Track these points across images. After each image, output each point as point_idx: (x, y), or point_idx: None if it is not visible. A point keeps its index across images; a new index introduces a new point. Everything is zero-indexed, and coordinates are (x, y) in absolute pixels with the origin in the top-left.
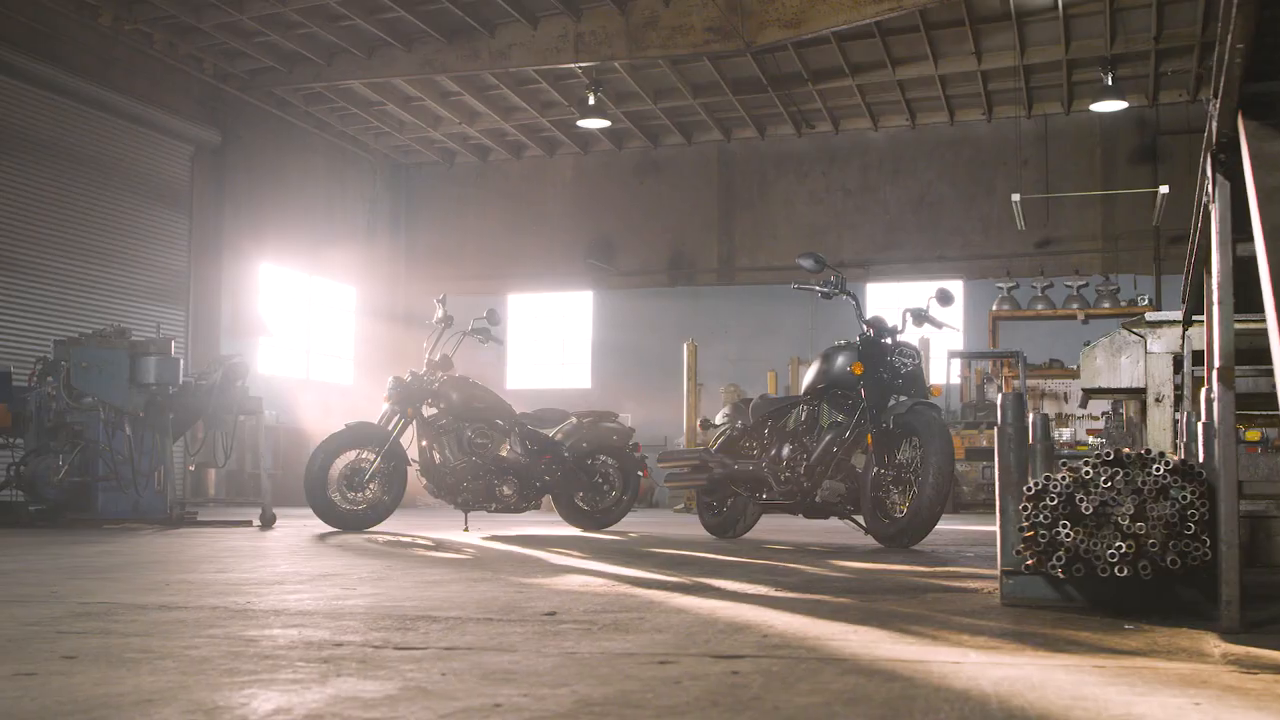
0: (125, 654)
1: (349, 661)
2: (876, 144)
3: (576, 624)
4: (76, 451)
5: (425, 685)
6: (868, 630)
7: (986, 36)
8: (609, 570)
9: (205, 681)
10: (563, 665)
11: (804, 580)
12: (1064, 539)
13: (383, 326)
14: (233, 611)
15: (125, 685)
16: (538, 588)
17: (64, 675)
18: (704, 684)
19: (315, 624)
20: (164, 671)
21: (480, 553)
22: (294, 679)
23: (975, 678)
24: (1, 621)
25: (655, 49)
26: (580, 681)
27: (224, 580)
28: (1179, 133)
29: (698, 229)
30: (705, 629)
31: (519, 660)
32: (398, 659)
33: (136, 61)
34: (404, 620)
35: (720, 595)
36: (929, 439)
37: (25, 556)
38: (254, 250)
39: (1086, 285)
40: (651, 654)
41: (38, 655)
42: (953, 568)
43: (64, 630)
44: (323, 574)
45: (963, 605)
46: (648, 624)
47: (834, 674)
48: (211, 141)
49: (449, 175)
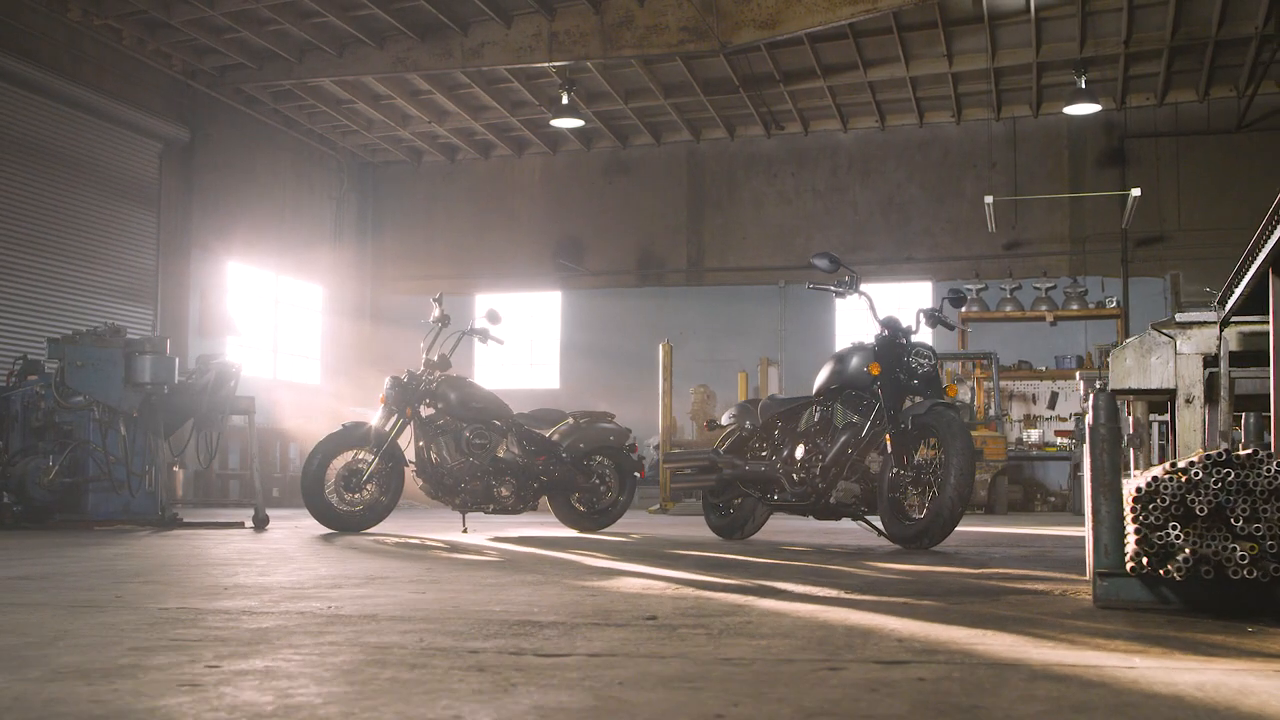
0: (267, 665)
1: (507, 670)
2: (845, 145)
3: (689, 629)
4: (67, 452)
5: (619, 696)
6: (994, 634)
7: (958, 39)
8: (655, 572)
9: (397, 695)
10: (735, 673)
11: (864, 582)
12: (1175, 541)
13: (350, 326)
14: (324, 617)
15: (312, 701)
16: (603, 591)
17: (233, 689)
18: (905, 691)
19: (422, 630)
20: (331, 683)
21: (503, 555)
22: (474, 690)
23: (1171, 683)
24: (100, 630)
25: (630, 48)
26: (773, 689)
27: (276, 583)
28: (1146, 136)
29: (666, 229)
30: (827, 632)
31: (685, 668)
32: (552, 666)
33: (106, 57)
34: (510, 625)
35: (796, 598)
36: (950, 440)
37: (39, 560)
38: (222, 249)
39: (1054, 287)
40: (809, 660)
41: (178, 666)
42: (997, 569)
43: (179, 639)
44: (370, 576)
45: (1055, 607)
46: (761, 628)
47: (1021, 680)
48: (180, 139)
49: (416, 174)
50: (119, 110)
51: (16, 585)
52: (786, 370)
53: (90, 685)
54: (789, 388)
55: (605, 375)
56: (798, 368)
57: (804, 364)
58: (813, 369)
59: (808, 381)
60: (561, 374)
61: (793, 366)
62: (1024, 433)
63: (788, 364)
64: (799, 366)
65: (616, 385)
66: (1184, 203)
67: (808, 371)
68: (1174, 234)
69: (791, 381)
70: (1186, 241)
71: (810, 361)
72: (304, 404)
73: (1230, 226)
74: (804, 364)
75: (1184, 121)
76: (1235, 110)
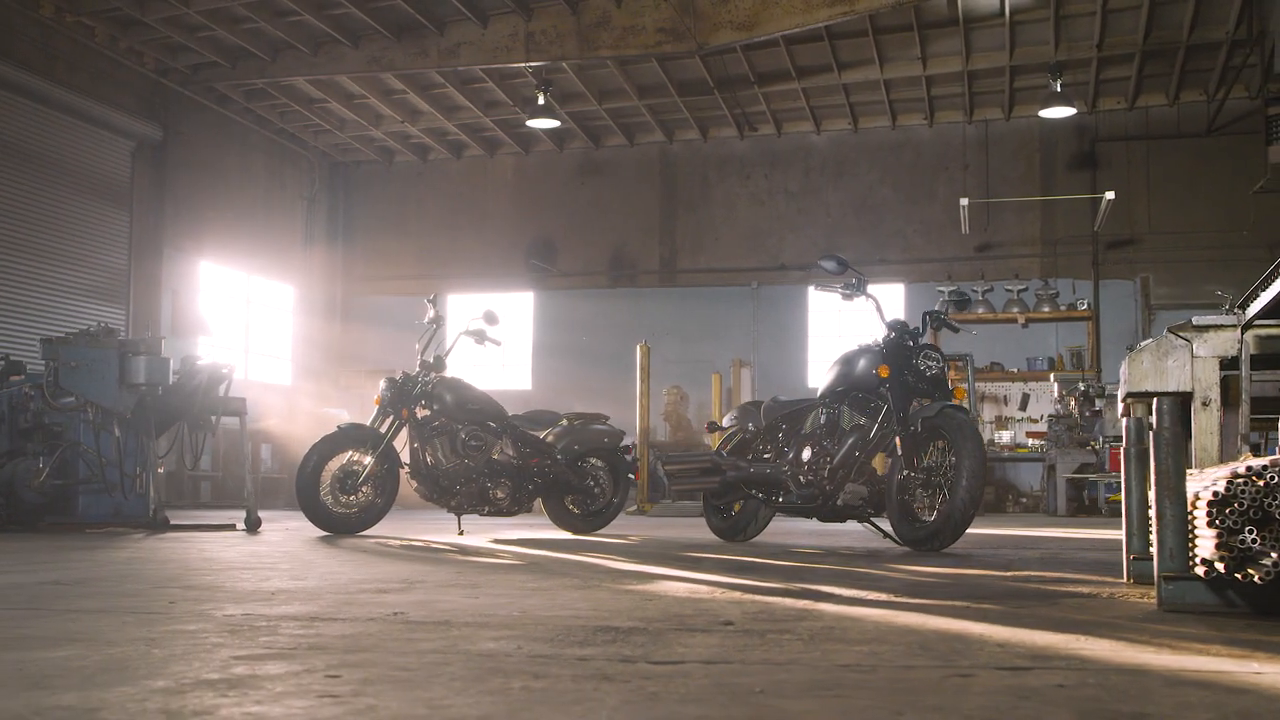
0: (388, 674)
1: (635, 679)
2: (818, 147)
3: (775, 634)
4: (58, 454)
5: (774, 705)
6: (1087, 639)
7: (933, 42)
8: (688, 575)
9: (549, 705)
10: (867, 679)
11: (905, 585)
12: (1254, 545)
13: (321, 326)
14: (399, 623)
15: (468, 714)
16: (654, 595)
17: (375, 699)
18: (1055, 698)
19: (509, 636)
20: (468, 693)
21: (519, 558)
22: (623, 700)
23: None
24: (184, 638)
25: (607, 49)
26: (920, 697)
27: (317, 587)
28: (1117, 139)
29: (639, 230)
30: (918, 637)
31: (811, 675)
32: (676, 674)
33: (78, 55)
34: (594, 631)
35: (850, 602)
36: (961, 442)
37: (56, 565)
38: (194, 249)
39: (1026, 289)
40: (930, 666)
41: (295, 675)
42: (1023, 572)
43: (273, 647)
44: (407, 580)
45: (1120, 610)
46: (848, 633)
47: (1161, 686)
48: (153, 137)
49: (388, 174)
50: (91, 108)
51: (58, 591)
52: (759, 371)
53: (225, 696)
54: (762, 389)
55: (578, 376)
56: (771, 369)
57: (777, 365)
58: (786, 370)
59: (781, 383)
60: (534, 375)
61: (766, 368)
62: (995, 434)
63: (760, 365)
64: (772, 368)
65: (589, 386)
66: (1154, 206)
67: (781, 373)
68: (1144, 237)
69: (765, 383)
70: (1156, 244)
71: (783, 363)
72: (275, 405)
73: (1200, 230)
74: (777, 365)
75: (1154, 125)
76: (1205, 114)
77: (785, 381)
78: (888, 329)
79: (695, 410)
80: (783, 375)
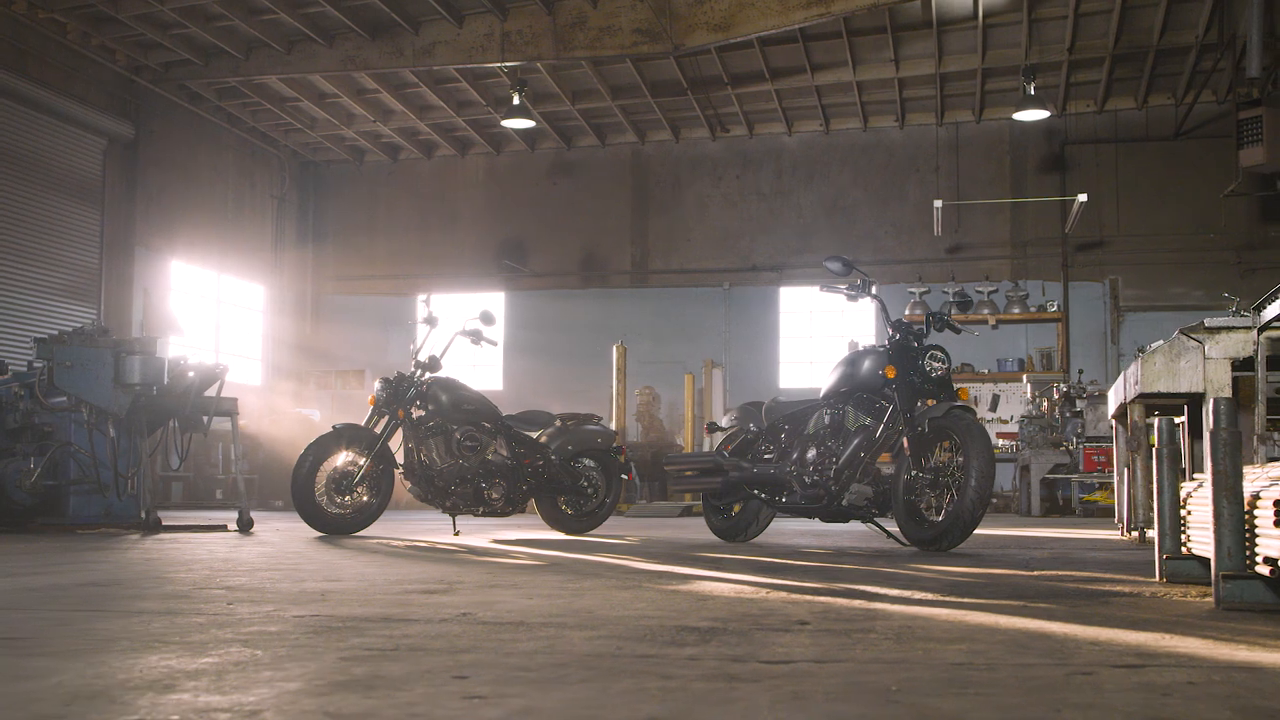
0: (531, 678)
1: (764, 679)
2: (790, 148)
3: (859, 633)
4: (50, 454)
5: (926, 704)
6: (1172, 637)
7: (906, 44)
8: (721, 576)
9: (712, 703)
10: (997, 678)
11: (942, 584)
12: None
13: (291, 325)
14: (482, 623)
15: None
16: (708, 595)
17: (523, 700)
18: (1197, 695)
19: (596, 637)
20: (603, 692)
21: (534, 559)
22: (771, 700)
23: None
24: (267, 641)
25: (582, 50)
26: (1061, 695)
27: (361, 589)
28: (1086, 142)
29: (611, 231)
30: (1005, 636)
31: (933, 674)
32: (800, 674)
33: (50, 52)
34: (678, 631)
35: (904, 602)
36: (970, 442)
37: (77, 567)
38: (165, 247)
39: (996, 291)
40: (1048, 665)
41: (419, 678)
42: (1045, 571)
43: (375, 647)
44: (442, 580)
45: (1179, 610)
46: (931, 632)
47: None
48: (125, 135)
49: (358, 174)
50: (63, 105)
51: (102, 593)
52: (731, 372)
53: (370, 699)
54: (733, 390)
55: (549, 375)
56: (742, 370)
57: (749, 366)
58: (758, 371)
59: (753, 384)
60: (505, 374)
61: (737, 368)
62: None
63: (732, 366)
64: (743, 368)
65: (561, 386)
66: (1123, 209)
67: (753, 373)
68: (1113, 239)
69: (736, 384)
70: (1125, 246)
71: (755, 363)
72: (247, 405)
73: (1168, 232)
74: (749, 366)
75: (1123, 128)
76: (1173, 118)
77: (757, 382)
78: (892, 330)
79: (667, 410)
80: (754, 376)
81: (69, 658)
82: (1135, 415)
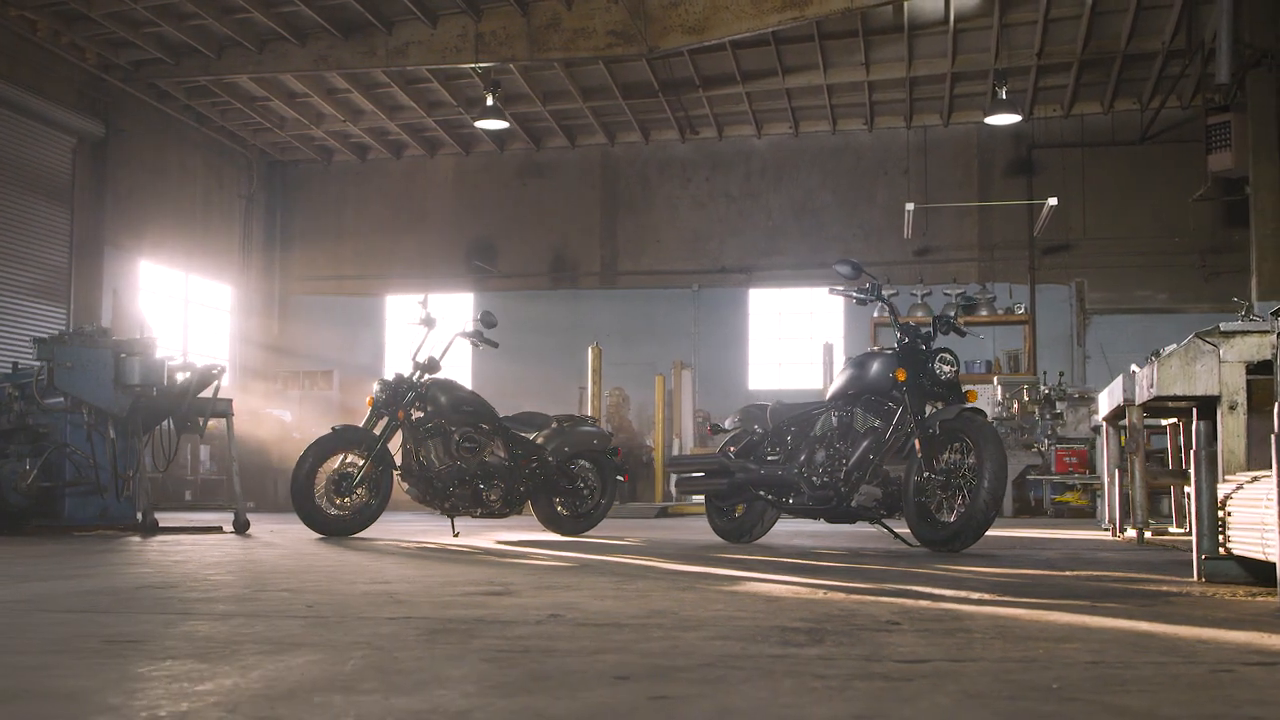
0: (692, 678)
1: (915, 679)
2: (759, 151)
3: (960, 632)
4: (46, 455)
5: (1111, 702)
6: (1265, 634)
7: (877, 48)
8: (763, 577)
9: (889, 701)
10: (1146, 676)
11: (984, 585)
12: None
13: (259, 325)
14: (571, 624)
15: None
16: (769, 596)
17: (708, 702)
18: None
19: (709, 638)
20: (774, 691)
21: (560, 560)
22: (956, 698)
23: None
24: (401, 642)
25: (557, 51)
26: (1233, 693)
27: (418, 590)
28: (1053, 146)
29: (580, 232)
30: (1109, 635)
31: (1086, 674)
32: (944, 674)
33: (19, 49)
34: (783, 631)
35: (971, 603)
36: (983, 444)
37: (98, 571)
38: (134, 247)
39: (964, 293)
40: (1182, 663)
41: (596, 681)
42: (1072, 571)
43: (502, 650)
44: (491, 582)
45: (1248, 609)
46: (1028, 633)
47: None
48: (94, 134)
49: (326, 173)
50: (32, 103)
51: (154, 596)
52: (700, 373)
53: (559, 700)
54: (703, 391)
55: (519, 376)
56: (712, 371)
57: (718, 367)
58: (727, 372)
59: (723, 385)
60: (474, 375)
61: (706, 370)
62: None
63: (701, 367)
64: (713, 370)
65: (530, 387)
66: (1089, 212)
67: (722, 375)
68: (1079, 242)
69: (705, 385)
70: (1091, 250)
71: (724, 365)
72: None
73: (1134, 236)
74: (718, 367)
75: (1089, 133)
76: (1138, 123)
77: (726, 383)
78: (901, 333)
79: (636, 411)
80: (724, 377)
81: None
82: (1134, 418)
